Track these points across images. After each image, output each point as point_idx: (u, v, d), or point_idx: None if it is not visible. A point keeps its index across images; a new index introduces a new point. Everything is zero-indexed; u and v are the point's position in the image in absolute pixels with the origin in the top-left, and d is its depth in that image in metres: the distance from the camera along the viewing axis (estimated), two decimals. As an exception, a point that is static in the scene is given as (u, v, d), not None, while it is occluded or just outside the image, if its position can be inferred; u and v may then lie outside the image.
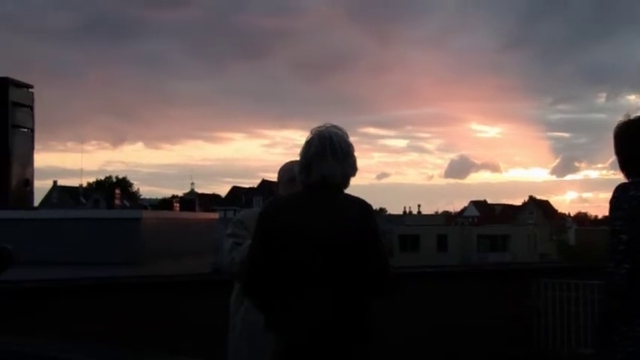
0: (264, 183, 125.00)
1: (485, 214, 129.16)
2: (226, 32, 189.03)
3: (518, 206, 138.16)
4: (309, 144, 4.88)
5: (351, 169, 4.90)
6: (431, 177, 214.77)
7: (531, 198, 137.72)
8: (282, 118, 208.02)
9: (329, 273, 4.68)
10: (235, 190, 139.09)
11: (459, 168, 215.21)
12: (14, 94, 14.22)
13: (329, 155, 4.81)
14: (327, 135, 4.87)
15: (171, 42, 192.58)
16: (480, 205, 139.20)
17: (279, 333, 4.82)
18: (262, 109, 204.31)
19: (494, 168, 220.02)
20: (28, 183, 14.42)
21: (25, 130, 14.57)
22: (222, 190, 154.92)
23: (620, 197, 5.20)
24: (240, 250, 5.51)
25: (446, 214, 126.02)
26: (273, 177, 6.08)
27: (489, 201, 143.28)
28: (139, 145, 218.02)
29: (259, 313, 5.06)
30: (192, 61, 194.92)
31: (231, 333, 6.02)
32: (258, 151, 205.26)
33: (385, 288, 4.84)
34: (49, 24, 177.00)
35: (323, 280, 4.68)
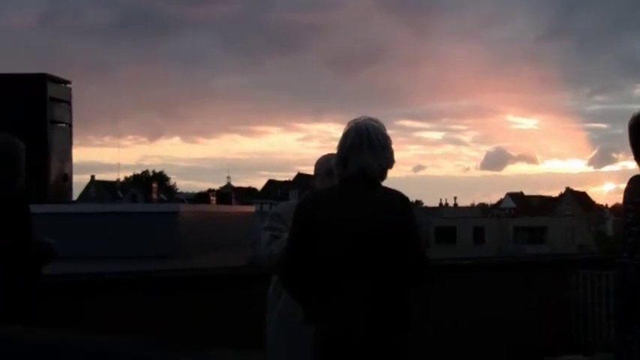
0: (300, 176, 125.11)
1: (522, 206, 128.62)
2: (262, 27, 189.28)
3: (555, 198, 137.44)
4: (345, 137, 4.89)
5: (388, 161, 4.91)
6: (467, 169, 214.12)
7: (568, 189, 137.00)
8: (317, 111, 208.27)
9: (366, 265, 4.70)
10: (271, 184, 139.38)
11: (496, 160, 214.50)
12: (52, 90, 14.35)
13: (366, 148, 4.82)
14: (364, 127, 4.89)
15: (208, 37, 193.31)
16: (516, 196, 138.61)
17: (317, 325, 4.85)
18: (298, 102, 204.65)
19: (530, 160, 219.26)
20: (66, 178, 14.54)
21: (63, 125, 14.69)
22: (259, 184, 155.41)
23: (632, 189, 5.18)
24: (278, 243, 5.53)
25: (482, 206, 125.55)
26: (308, 170, 6.11)
27: (526, 193, 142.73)
28: (176, 139, 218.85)
29: (297, 305, 5.09)
30: (229, 55, 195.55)
31: (269, 326, 6.05)
32: (293, 145, 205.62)
33: (422, 278, 4.86)
34: (86, 21, 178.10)
35: (360, 272, 4.70)
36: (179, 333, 7.44)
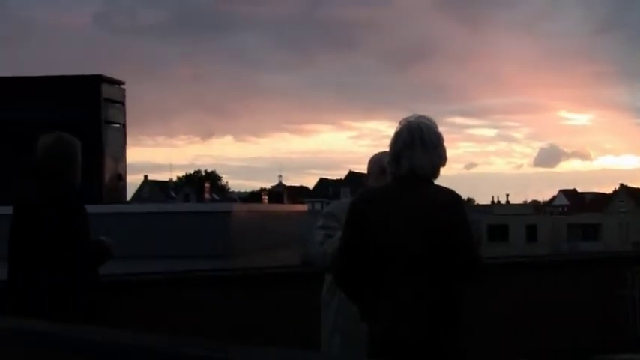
0: (352, 175, 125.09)
1: (575, 203, 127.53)
2: (314, 24, 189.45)
3: (609, 194, 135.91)
4: (398, 135, 4.90)
5: (441, 159, 4.91)
6: (519, 166, 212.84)
7: (622, 186, 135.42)
8: (369, 109, 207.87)
9: (419, 263, 4.71)
10: (323, 182, 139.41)
11: (548, 156, 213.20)
12: (106, 91, 14.48)
13: (418, 146, 4.82)
14: (416, 126, 4.89)
15: (259, 35, 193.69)
16: (569, 193, 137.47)
17: (371, 323, 4.86)
18: (349, 100, 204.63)
19: (584, 156, 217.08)
20: (121, 178, 14.65)
21: (117, 125, 14.82)
22: (310, 183, 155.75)
23: None
24: (332, 242, 5.54)
25: (535, 203, 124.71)
26: (360, 169, 6.15)
27: (579, 189, 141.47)
28: (228, 138, 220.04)
29: (352, 304, 5.10)
30: (280, 54, 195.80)
31: (324, 325, 6.06)
32: (345, 143, 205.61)
33: (474, 276, 4.86)
34: (139, 20, 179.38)
35: (413, 270, 4.71)
36: (233, 332, 7.48)
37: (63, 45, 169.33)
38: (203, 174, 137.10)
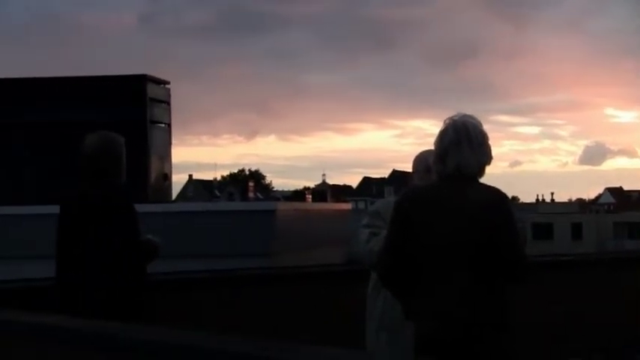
0: (395, 173, 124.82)
1: (621, 201, 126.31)
2: (357, 23, 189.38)
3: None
4: (443, 134, 4.89)
5: (486, 157, 4.90)
6: (565, 164, 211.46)
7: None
8: (412, 108, 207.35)
9: (464, 263, 4.70)
10: (366, 181, 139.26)
11: (594, 154, 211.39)
12: (152, 91, 14.57)
13: (464, 145, 4.81)
14: (462, 124, 4.88)
15: (303, 34, 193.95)
16: (615, 191, 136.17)
17: (417, 322, 4.86)
18: (393, 99, 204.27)
19: (630, 154, 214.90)
20: (166, 177, 14.73)
21: (163, 125, 14.91)
22: (354, 181, 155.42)
23: None
24: (378, 240, 5.54)
25: (580, 201, 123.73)
26: (404, 167, 6.14)
27: (625, 187, 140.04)
28: (272, 137, 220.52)
29: (397, 302, 5.10)
30: (324, 52, 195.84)
31: (369, 324, 6.07)
32: (388, 142, 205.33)
33: (520, 275, 4.84)
34: (184, 20, 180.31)
35: (458, 270, 4.70)
36: (277, 331, 7.50)
37: (109, 46, 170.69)
38: (247, 173, 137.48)
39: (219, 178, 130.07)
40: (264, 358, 3.32)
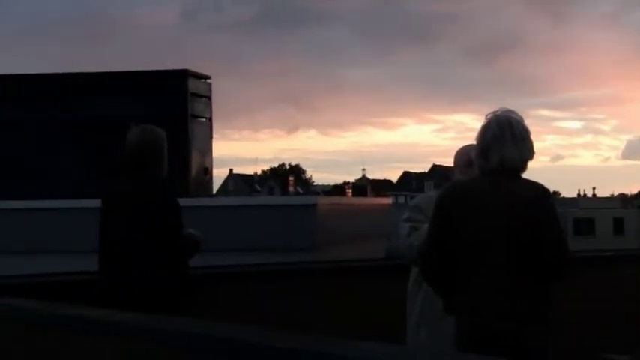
0: (435, 168, 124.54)
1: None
2: (398, 17, 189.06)
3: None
4: (486, 129, 4.88)
5: (529, 152, 4.89)
6: (607, 159, 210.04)
7: None
8: (453, 102, 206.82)
9: (506, 257, 4.69)
10: (406, 176, 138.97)
11: (636, 149, 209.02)
12: (193, 85, 14.62)
13: (508, 140, 4.81)
14: (505, 119, 4.88)
15: (343, 29, 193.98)
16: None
17: (458, 317, 4.86)
18: (433, 93, 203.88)
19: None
20: (207, 171, 14.78)
21: (204, 119, 14.97)
22: (394, 176, 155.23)
23: None
24: (418, 235, 5.54)
25: (622, 196, 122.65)
26: (444, 162, 6.14)
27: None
28: (312, 132, 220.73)
29: (438, 297, 5.10)
30: (365, 47, 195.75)
31: (410, 319, 6.06)
32: (428, 136, 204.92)
33: (562, 271, 4.83)
34: (225, 16, 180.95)
35: (500, 264, 4.70)
36: (318, 325, 7.52)
37: (151, 41, 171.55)
38: (287, 167, 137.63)
39: (259, 172, 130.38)
40: (308, 352, 3.33)
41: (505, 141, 4.81)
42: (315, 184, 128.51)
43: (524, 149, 4.87)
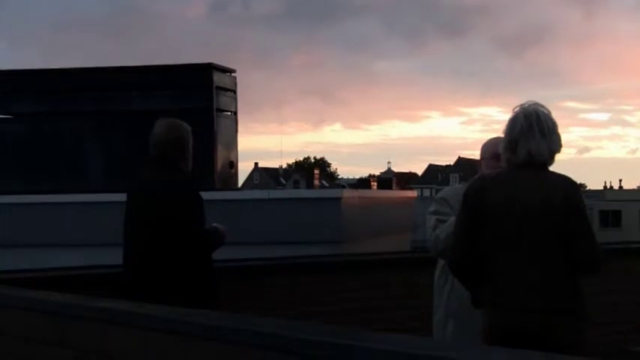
0: (461, 160, 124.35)
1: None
2: (426, 9, 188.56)
3: None
4: (514, 121, 4.86)
5: (557, 145, 4.88)
6: (634, 150, 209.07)
7: None
8: (480, 95, 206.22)
9: (537, 249, 4.68)
10: (432, 168, 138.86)
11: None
12: (218, 79, 14.61)
13: (536, 132, 4.79)
14: (533, 112, 4.86)
15: (372, 21, 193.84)
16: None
17: (488, 309, 4.84)
18: (461, 86, 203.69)
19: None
20: (232, 165, 14.77)
21: (229, 113, 14.95)
22: (419, 169, 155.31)
23: None
24: (445, 227, 5.52)
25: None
26: (470, 154, 6.14)
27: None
28: (337, 125, 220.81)
29: (465, 290, 5.08)
30: (393, 40, 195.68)
31: (436, 311, 6.05)
32: (455, 129, 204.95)
33: (593, 264, 4.81)
34: (252, 9, 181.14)
35: (531, 256, 4.68)
36: (345, 318, 7.52)
37: (179, 35, 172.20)
38: (312, 160, 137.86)
39: (284, 165, 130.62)
40: (334, 344, 3.33)
41: (533, 134, 4.79)
42: (340, 177, 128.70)
43: (552, 142, 4.85)
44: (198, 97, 14.96)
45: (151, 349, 4.28)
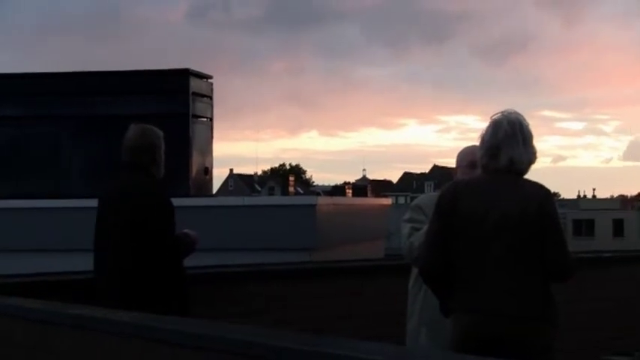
0: (436, 168, 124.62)
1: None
2: (407, 17, 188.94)
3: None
4: (497, 128, 4.87)
5: (533, 156, 4.92)
6: (609, 160, 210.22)
7: None
8: (458, 103, 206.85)
9: (512, 256, 4.69)
10: (407, 176, 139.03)
11: (638, 150, 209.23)
12: (195, 85, 14.59)
13: (519, 140, 4.82)
14: (517, 120, 4.89)
15: (351, 28, 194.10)
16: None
17: (456, 317, 4.85)
18: (439, 94, 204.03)
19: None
20: (207, 171, 14.74)
21: (205, 119, 14.94)
22: (394, 176, 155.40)
23: None
24: (419, 235, 5.53)
25: (622, 197, 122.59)
26: (445, 162, 6.14)
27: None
28: (314, 132, 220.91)
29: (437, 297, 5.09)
30: (373, 47, 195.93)
31: (410, 319, 6.06)
32: (431, 137, 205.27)
33: (565, 272, 4.83)
34: (231, 15, 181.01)
35: (505, 264, 4.69)
36: (317, 325, 7.52)
37: (158, 40, 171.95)
38: (288, 167, 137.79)
39: (259, 172, 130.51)
40: (308, 352, 3.33)
41: (517, 142, 4.83)
42: (315, 184, 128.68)
43: (530, 152, 4.89)
44: (175, 102, 14.92)
45: (122, 356, 4.27)
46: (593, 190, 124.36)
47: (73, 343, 4.61)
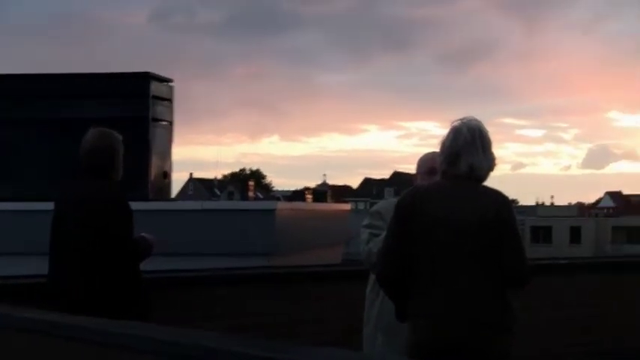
0: (396, 174, 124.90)
1: (622, 206, 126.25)
2: (367, 23, 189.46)
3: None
4: (457, 134, 4.88)
5: (493, 162, 4.94)
6: (568, 167, 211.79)
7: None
8: (418, 109, 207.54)
9: (470, 263, 4.70)
10: (367, 182, 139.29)
11: (597, 158, 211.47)
12: (155, 88, 14.55)
13: (479, 147, 4.84)
14: (476, 127, 4.90)
15: (312, 34, 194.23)
16: (615, 196, 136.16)
17: (412, 323, 4.85)
18: (400, 100, 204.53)
19: (634, 157, 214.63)
20: (166, 175, 14.68)
21: (165, 123, 14.89)
22: (355, 182, 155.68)
23: None
24: (378, 241, 5.53)
25: (579, 205, 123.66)
26: (405, 168, 6.14)
27: (626, 192, 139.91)
28: (275, 137, 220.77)
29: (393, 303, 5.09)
30: (335, 53, 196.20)
31: (367, 325, 6.06)
32: (391, 143, 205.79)
33: (521, 279, 4.85)
34: (194, 19, 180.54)
35: (463, 269, 4.70)
36: (274, 331, 7.51)
37: (120, 42, 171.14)
38: (248, 172, 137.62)
39: (219, 177, 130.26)
40: (264, 358, 3.31)
41: (476, 148, 4.84)
42: (275, 189, 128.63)
43: (490, 159, 4.90)
44: (134, 106, 14.84)
45: (78, 360, 4.23)
46: (552, 197, 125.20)
47: (25, 347, 4.56)
